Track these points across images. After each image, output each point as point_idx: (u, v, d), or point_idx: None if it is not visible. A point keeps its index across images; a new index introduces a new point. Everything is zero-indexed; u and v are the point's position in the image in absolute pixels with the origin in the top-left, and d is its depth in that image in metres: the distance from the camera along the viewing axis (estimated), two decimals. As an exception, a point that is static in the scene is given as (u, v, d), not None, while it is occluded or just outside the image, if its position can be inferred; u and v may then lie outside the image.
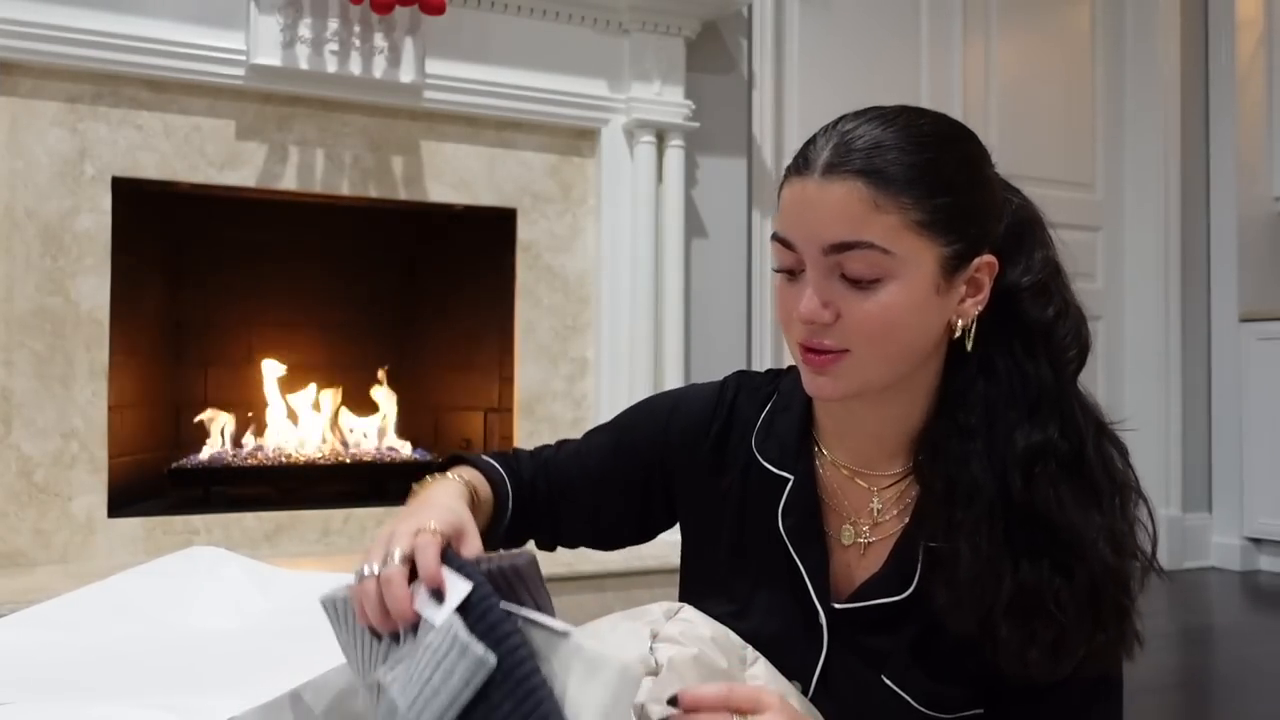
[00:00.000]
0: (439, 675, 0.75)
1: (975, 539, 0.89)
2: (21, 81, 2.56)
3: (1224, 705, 2.56)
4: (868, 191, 0.86)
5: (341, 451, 3.14)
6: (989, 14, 3.95)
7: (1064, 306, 0.95)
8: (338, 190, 2.88)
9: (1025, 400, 0.91)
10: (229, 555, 1.35)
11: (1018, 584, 0.88)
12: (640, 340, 3.08)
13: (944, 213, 0.88)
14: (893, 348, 0.89)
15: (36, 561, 2.55)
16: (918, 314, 0.89)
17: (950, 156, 0.90)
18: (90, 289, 2.62)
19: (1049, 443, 0.90)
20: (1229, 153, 4.11)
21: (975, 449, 0.91)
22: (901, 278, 0.87)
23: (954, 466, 0.91)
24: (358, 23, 2.78)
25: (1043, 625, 0.87)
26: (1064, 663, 0.88)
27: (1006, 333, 0.94)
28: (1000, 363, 0.93)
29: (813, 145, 0.90)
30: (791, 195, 0.90)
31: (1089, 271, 4.13)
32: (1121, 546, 0.90)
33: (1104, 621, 0.89)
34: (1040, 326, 0.93)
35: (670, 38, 3.16)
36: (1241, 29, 4.10)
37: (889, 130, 0.89)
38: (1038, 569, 0.88)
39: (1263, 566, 4.03)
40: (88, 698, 0.88)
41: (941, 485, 0.92)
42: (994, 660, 0.89)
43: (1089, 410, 0.94)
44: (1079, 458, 0.91)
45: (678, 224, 3.15)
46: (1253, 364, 4.02)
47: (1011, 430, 0.91)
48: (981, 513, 0.89)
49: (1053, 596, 0.87)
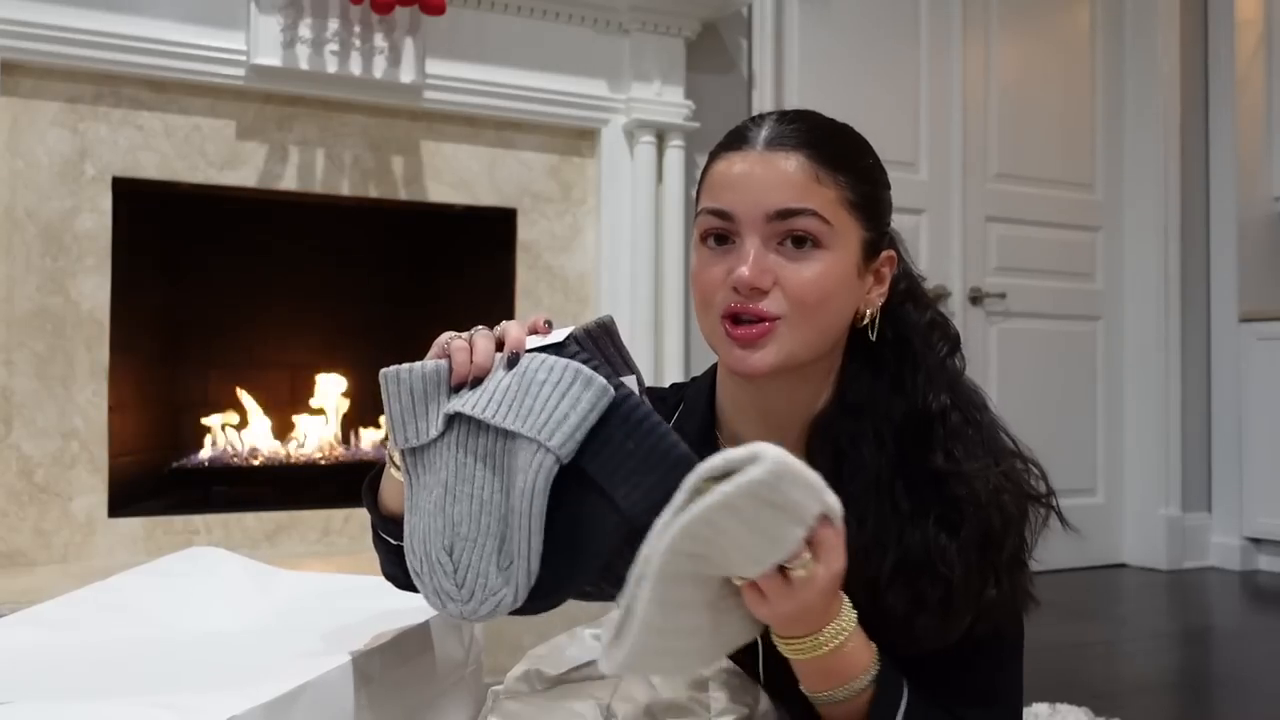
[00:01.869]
0: (565, 403, 0.83)
1: (861, 511, 0.91)
2: (22, 81, 2.56)
3: (1224, 705, 2.56)
4: (810, 165, 0.93)
5: (342, 451, 3.14)
6: (989, 14, 3.95)
7: (933, 309, 1.04)
8: (338, 190, 2.88)
9: (914, 382, 0.97)
10: (229, 555, 1.35)
11: (902, 550, 0.91)
12: (640, 340, 3.08)
13: (868, 200, 0.96)
14: (822, 319, 0.94)
15: (36, 561, 2.55)
16: (844, 289, 0.95)
17: (868, 154, 0.99)
18: (90, 289, 2.62)
19: (941, 408, 0.96)
20: (1229, 153, 4.11)
21: (861, 428, 0.96)
22: (835, 250, 0.93)
23: (842, 442, 0.96)
24: (358, 23, 2.78)
25: (929, 585, 0.89)
26: (952, 622, 0.90)
27: (892, 332, 1.01)
28: (885, 354, 0.99)
29: (746, 129, 0.97)
30: (728, 168, 0.95)
31: (1089, 271, 4.13)
32: (1012, 494, 0.94)
33: (996, 574, 0.91)
34: (920, 327, 1.01)
35: (670, 38, 3.17)
36: (1241, 29, 4.10)
37: (818, 121, 0.97)
38: (922, 528, 0.91)
39: (1262, 566, 4.03)
40: (88, 698, 0.88)
41: (829, 464, 0.94)
42: (885, 635, 0.90)
43: (974, 390, 1.01)
44: (967, 422, 0.97)
45: (678, 224, 3.15)
46: (1253, 364, 4.02)
47: (897, 410, 0.96)
48: (869, 487, 0.93)
49: (939, 554, 0.90)
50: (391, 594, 1.02)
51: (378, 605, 1.16)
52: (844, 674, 0.87)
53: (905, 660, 0.91)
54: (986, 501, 0.91)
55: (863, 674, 0.87)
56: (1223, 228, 4.13)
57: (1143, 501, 4.11)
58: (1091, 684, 2.49)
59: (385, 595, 1.05)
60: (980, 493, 0.92)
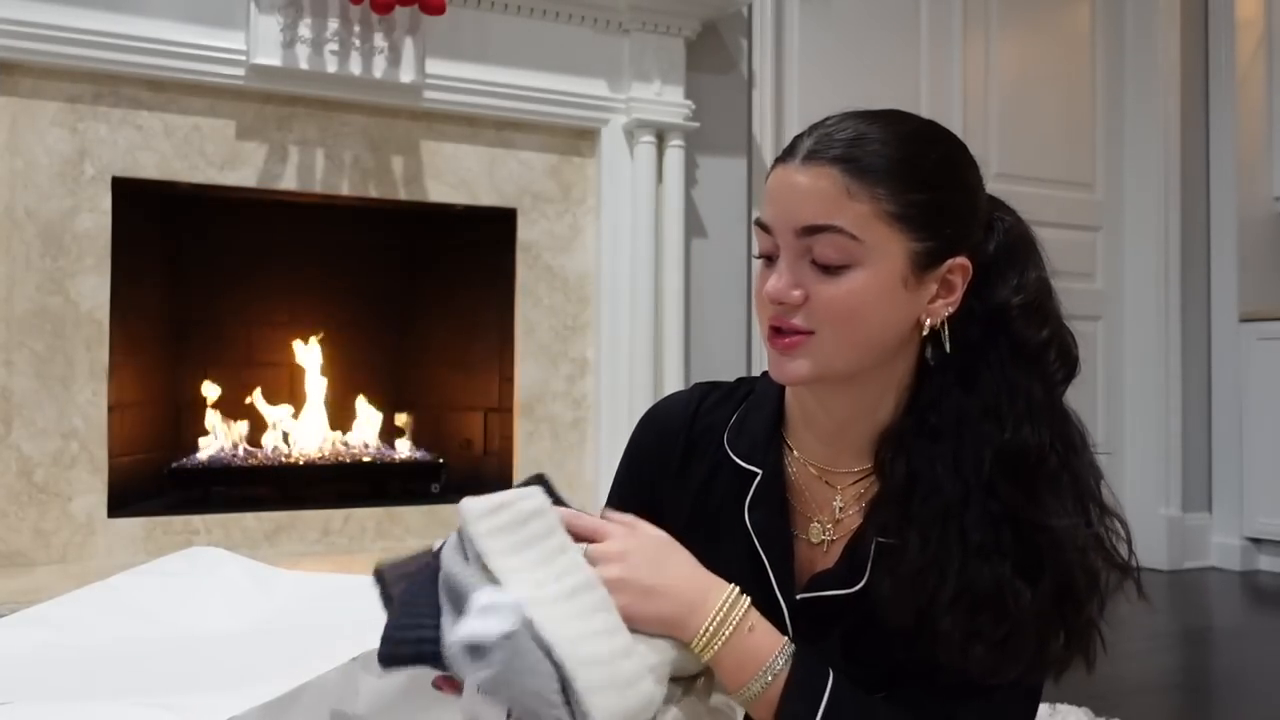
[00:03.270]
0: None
1: (926, 533, 0.90)
2: (21, 81, 2.56)
3: (1224, 705, 2.56)
4: (842, 179, 0.89)
5: (342, 451, 3.14)
6: (989, 14, 3.95)
7: (1056, 327, 0.97)
8: (338, 190, 2.88)
9: (1011, 412, 0.92)
10: (229, 555, 1.35)
11: (965, 581, 0.88)
12: (640, 340, 3.08)
13: (918, 208, 0.90)
14: (856, 334, 0.92)
15: (36, 561, 2.55)
16: (882, 304, 0.91)
17: (930, 155, 0.93)
18: (90, 289, 2.62)
19: (1040, 446, 0.91)
20: (1229, 152, 4.11)
21: (941, 451, 0.92)
22: (868, 266, 0.90)
23: (917, 463, 0.93)
24: (358, 23, 2.78)
25: (991, 621, 0.87)
26: (1009, 663, 0.88)
27: (997, 349, 0.95)
28: (986, 376, 0.94)
29: (800, 138, 0.94)
30: (774, 181, 0.94)
31: (1089, 271, 4.13)
32: (1096, 555, 0.91)
33: (1068, 626, 0.90)
34: (1031, 347, 0.94)
35: (670, 38, 3.16)
36: (1241, 29, 4.10)
37: (872, 125, 0.92)
38: (993, 564, 0.88)
39: (1263, 566, 4.03)
40: (88, 698, 0.88)
41: (901, 481, 0.93)
42: (933, 650, 0.89)
43: (1075, 426, 0.96)
44: (1065, 467, 0.92)
45: (678, 224, 3.15)
46: (1253, 364, 4.02)
47: (987, 440, 0.91)
48: (937, 511, 0.90)
49: (1012, 595, 0.88)
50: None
51: (377, 605, 1.16)
52: (757, 657, 0.87)
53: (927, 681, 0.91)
54: (1072, 560, 0.89)
55: (777, 654, 0.88)
56: (1223, 228, 4.13)
57: (1143, 501, 4.10)
58: (1091, 684, 2.48)
59: (385, 595, 1.05)
60: (1067, 550, 0.89)
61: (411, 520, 2.96)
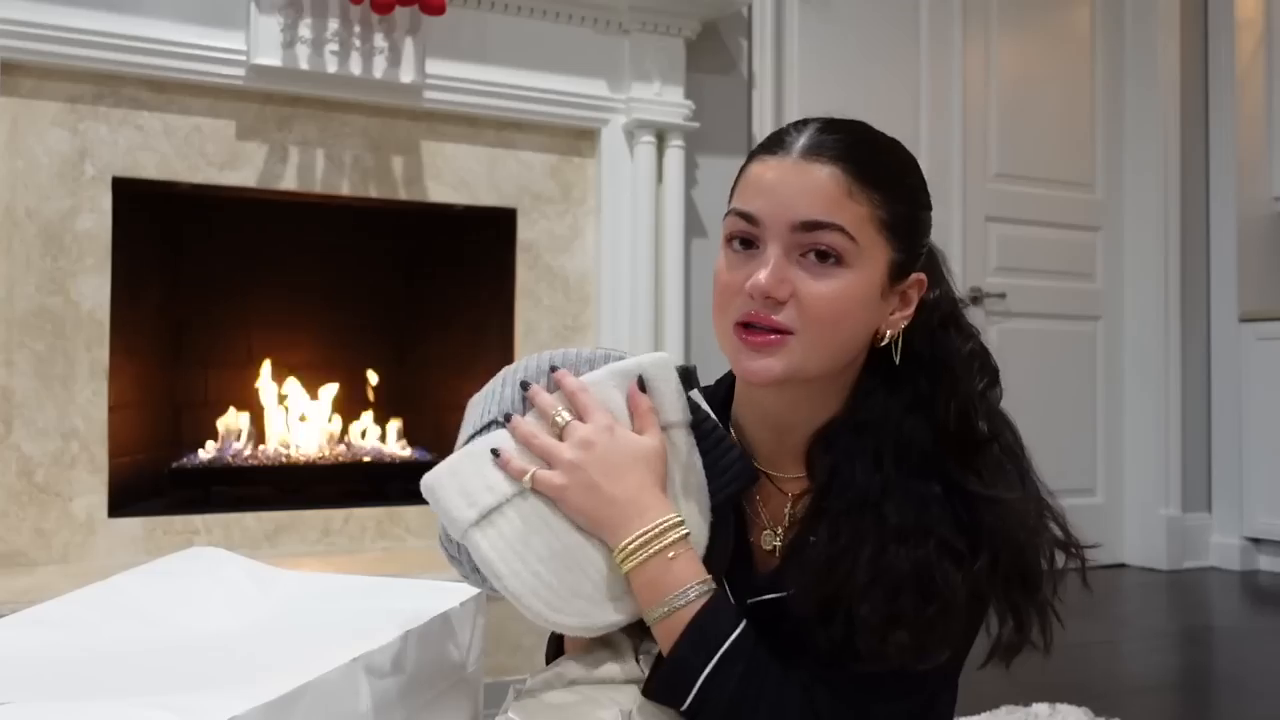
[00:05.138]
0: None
1: (836, 525, 0.91)
2: (22, 81, 2.56)
3: (1224, 705, 2.56)
4: (845, 179, 0.90)
5: (342, 451, 3.14)
6: (989, 14, 3.95)
7: (975, 335, 1.01)
8: (338, 190, 2.88)
9: (946, 404, 0.94)
10: (229, 555, 1.35)
11: (883, 565, 0.88)
12: (640, 340, 3.08)
13: (902, 220, 0.93)
14: (836, 337, 0.92)
15: (36, 561, 2.55)
16: (863, 309, 0.93)
17: (911, 172, 0.97)
18: (90, 289, 2.62)
19: (984, 435, 0.94)
20: (1229, 153, 4.11)
21: (861, 447, 0.94)
22: (858, 269, 0.91)
23: (838, 459, 0.94)
24: (358, 23, 2.78)
25: (915, 603, 0.87)
26: (935, 645, 0.87)
27: (920, 357, 0.97)
28: (917, 375, 0.96)
29: (786, 133, 0.95)
30: (761, 172, 0.93)
31: (1089, 271, 4.13)
32: (1046, 536, 0.93)
33: (1018, 609, 0.91)
34: (959, 354, 0.98)
35: (670, 38, 3.16)
36: (1241, 29, 4.10)
37: (862, 133, 0.95)
38: (916, 550, 0.88)
39: (1262, 566, 4.03)
40: (88, 698, 0.88)
41: (824, 477, 0.95)
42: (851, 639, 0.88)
43: (1012, 429, 0.98)
44: (1008, 455, 0.95)
45: (678, 224, 3.15)
46: (1253, 364, 4.02)
47: (917, 430, 0.93)
48: (850, 503, 0.92)
49: (941, 576, 0.88)
50: (392, 594, 1.02)
51: (378, 605, 1.16)
52: (669, 584, 0.89)
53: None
54: (1022, 541, 0.90)
55: (689, 586, 0.89)
56: (1223, 228, 4.13)
57: (1143, 501, 4.10)
58: (1091, 684, 2.49)
59: (385, 595, 1.05)
60: (1014, 528, 0.90)
61: (412, 520, 2.96)
